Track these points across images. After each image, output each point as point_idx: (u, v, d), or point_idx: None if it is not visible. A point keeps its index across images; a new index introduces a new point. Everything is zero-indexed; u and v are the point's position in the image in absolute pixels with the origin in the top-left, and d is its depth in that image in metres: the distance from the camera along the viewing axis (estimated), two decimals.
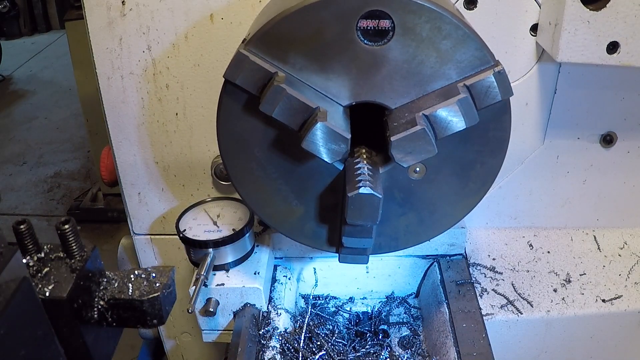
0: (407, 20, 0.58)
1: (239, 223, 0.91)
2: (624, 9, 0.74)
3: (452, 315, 0.90)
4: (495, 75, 0.59)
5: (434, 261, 1.02)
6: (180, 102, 0.94)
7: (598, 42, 0.77)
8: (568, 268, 1.03)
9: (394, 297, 1.04)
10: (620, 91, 0.94)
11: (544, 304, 0.96)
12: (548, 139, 0.99)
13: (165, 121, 0.96)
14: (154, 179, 1.04)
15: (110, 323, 0.54)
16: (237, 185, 0.71)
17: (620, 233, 1.10)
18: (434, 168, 0.68)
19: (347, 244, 0.71)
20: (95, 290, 0.53)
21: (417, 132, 0.58)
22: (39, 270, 0.50)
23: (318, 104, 0.61)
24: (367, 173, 0.64)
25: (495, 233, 1.09)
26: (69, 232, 0.52)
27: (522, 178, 1.03)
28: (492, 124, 0.65)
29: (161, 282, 0.55)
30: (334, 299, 1.04)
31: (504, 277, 1.01)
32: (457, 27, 0.59)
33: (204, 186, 1.05)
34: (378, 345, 0.93)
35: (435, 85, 0.62)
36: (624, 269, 1.03)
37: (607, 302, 0.97)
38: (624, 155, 1.01)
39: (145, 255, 1.13)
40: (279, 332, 0.90)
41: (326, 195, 0.71)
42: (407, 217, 0.73)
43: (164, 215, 1.08)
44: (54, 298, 0.47)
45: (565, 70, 0.91)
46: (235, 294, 0.91)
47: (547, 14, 0.82)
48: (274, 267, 1.03)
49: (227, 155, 0.69)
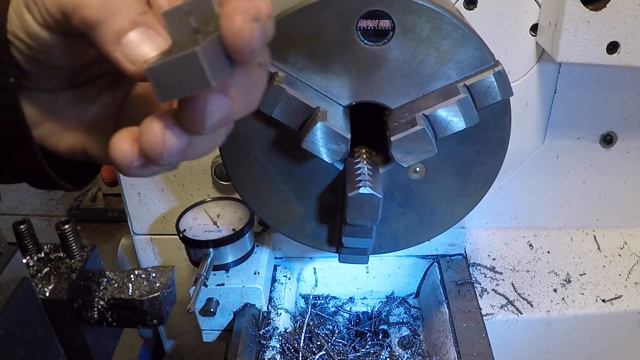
0: (407, 20, 0.58)
1: (239, 223, 0.91)
2: (624, 9, 0.74)
3: (452, 315, 0.90)
4: (495, 75, 0.59)
5: (434, 261, 1.02)
6: None
7: (598, 42, 0.77)
8: (568, 268, 1.03)
9: (394, 297, 1.04)
10: (620, 91, 0.94)
11: (544, 304, 0.96)
12: (548, 139, 0.99)
13: None
14: (154, 179, 1.04)
15: (110, 323, 0.54)
16: (237, 185, 0.71)
17: (620, 233, 1.10)
18: (434, 168, 0.68)
19: (347, 244, 0.71)
20: (95, 290, 0.54)
21: (417, 132, 0.58)
22: (39, 270, 0.50)
23: (318, 104, 0.61)
24: (367, 173, 0.64)
25: (495, 233, 1.09)
26: (69, 232, 0.52)
27: (522, 178, 1.03)
28: (492, 124, 0.65)
29: (161, 282, 0.55)
30: (334, 299, 1.04)
31: (504, 277, 1.01)
32: (457, 27, 0.59)
33: (204, 186, 1.05)
34: (378, 345, 0.93)
35: (435, 85, 0.62)
36: (624, 269, 1.03)
37: (607, 302, 0.97)
38: (624, 155, 1.01)
39: (145, 255, 1.13)
40: (279, 332, 0.91)
41: (326, 195, 0.71)
42: (407, 217, 0.73)
43: (164, 215, 1.08)
44: (54, 298, 0.47)
45: (565, 70, 0.91)
46: (235, 294, 0.91)
47: (547, 14, 0.82)
48: (274, 267, 1.03)
49: (227, 155, 0.69)
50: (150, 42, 0.35)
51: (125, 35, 0.35)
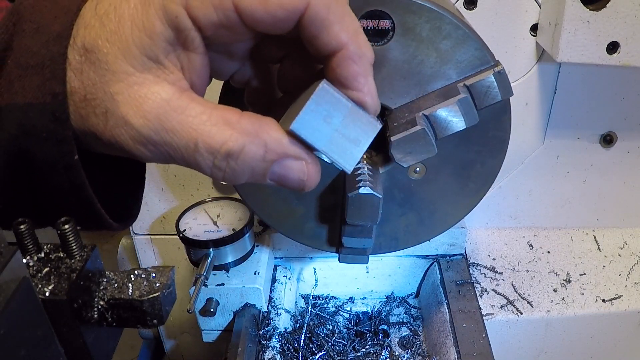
0: (407, 20, 0.58)
1: (239, 223, 0.91)
2: (624, 9, 0.74)
3: (452, 315, 0.90)
4: (496, 75, 0.59)
5: (434, 261, 1.02)
6: None
7: (598, 42, 0.77)
8: (568, 268, 1.03)
9: (394, 297, 1.04)
10: (620, 91, 0.94)
11: (544, 304, 0.96)
12: (548, 139, 0.99)
13: None
14: (154, 179, 1.04)
15: (110, 323, 0.54)
16: (237, 185, 0.71)
17: (620, 233, 1.10)
18: (434, 168, 0.68)
19: (347, 244, 0.71)
20: (95, 290, 0.53)
21: (417, 132, 0.58)
22: (39, 270, 0.50)
23: None
24: (367, 173, 0.64)
25: (495, 233, 1.09)
26: (69, 232, 0.52)
27: (522, 178, 1.03)
28: (492, 124, 0.65)
29: (161, 282, 0.55)
30: (334, 299, 1.04)
31: (504, 277, 1.01)
32: (457, 27, 0.59)
33: (204, 186, 1.05)
34: (378, 345, 0.93)
35: (435, 85, 0.62)
36: (624, 269, 1.03)
37: (607, 302, 0.97)
38: (624, 155, 1.01)
39: (145, 255, 1.13)
40: (279, 332, 0.90)
41: (326, 195, 0.71)
42: (407, 217, 0.73)
43: (164, 215, 1.08)
44: (54, 298, 0.47)
45: (565, 70, 0.91)
46: (235, 294, 0.91)
47: (547, 14, 0.82)
48: (274, 267, 1.03)
49: None
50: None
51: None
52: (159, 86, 0.38)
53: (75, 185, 0.39)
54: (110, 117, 0.37)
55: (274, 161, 0.38)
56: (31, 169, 0.39)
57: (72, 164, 0.38)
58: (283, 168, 0.39)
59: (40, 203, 0.41)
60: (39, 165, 0.38)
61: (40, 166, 0.38)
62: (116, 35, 0.37)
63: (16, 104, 0.37)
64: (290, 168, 0.39)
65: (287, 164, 0.39)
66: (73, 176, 0.39)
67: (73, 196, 0.40)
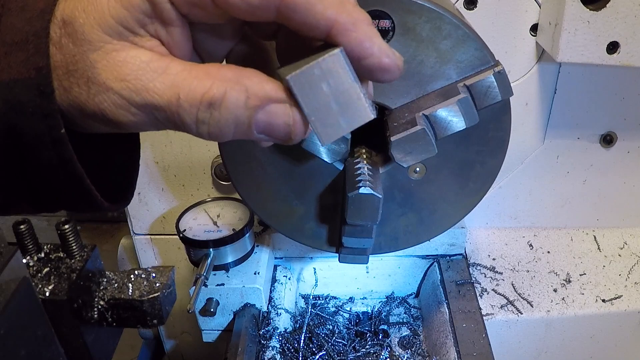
0: (407, 20, 0.58)
1: (239, 223, 0.91)
2: (624, 9, 0.74)
3: (452, 315, 0.90)
4: (496, 75, 0.59)
5: (434, 261, 1.02)
6: None
7: (598, 42, 0.77)
8: (568, 268, 1.03)
9: (394, 297, 1.04)
10: (620, 91, 0.94)
11: (544, 304, 0.96)
12: (548, 139, 0.99)
13: None
14: (154, 179, 1.04)
15: (110, 323, 0.54)
16: (237, 185, 0.71)
17: (620, 233, 1.10)
18: (434, 168, 0.68)
19: (347, 244, 0.71)
20: (95, 290, 0.54)
21: (417, 132, 0.58)
22: (39, 270, 0.50)
23: None
24: (367, 173, 0.64)
25: (495, 233, 1.09)
26: (69, 232, 0.52)
27: (522, 178, 1.03)
28: (492, 124, 0.65)
29: (161, 282, 0.55)
30: (334, 299, 1.04)
31: (504, 277, 1.01)
32: (457, 27, 0.59)
33: (204, 186, 1.05)
34: (378, 345, 0.93)
35: (435, 85, 0.62)
36: (624, 269, 1.03)
37: (607, 302, 0.97)
38: (624, 155, 1.01)
39: (145, 255, 1.13)
40: (279, 332, 0.91)
41: (326, 195, 0.71)
42: (407, 217, 0.73)
43: (164, 215, 1.08)
44: (54, 298, 0.47)
45: (565, 70, 0.91)
46: (235, 294, 0.91)
47: (547, 14, 0.82)
48: (274, 267, 1.03)
49: (227, 155, 0.69)
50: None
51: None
52: (138, 51, 0.38)
53: (64, 160, 0.40)
54: (92, 85, 0.38)
55: (258, 107, 0.38)
56: (21, 145, 0.39)
57: (59, 137, 0.39)
58: (267, 114, 0.38)
59: (31, 181, 0.41)
60: (28, 140, 0.39)
61: (29, 141, 0.39)
62: (92, 5, 0.37)
63: (2, 82, 0.38)
64: (274, 113, 0.38)
65: (271, 109, 0.38)
66: (61, 150, 0.39)
67: (62, 171, 0.40)
